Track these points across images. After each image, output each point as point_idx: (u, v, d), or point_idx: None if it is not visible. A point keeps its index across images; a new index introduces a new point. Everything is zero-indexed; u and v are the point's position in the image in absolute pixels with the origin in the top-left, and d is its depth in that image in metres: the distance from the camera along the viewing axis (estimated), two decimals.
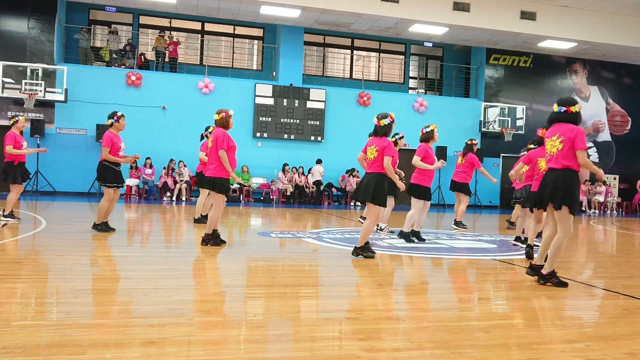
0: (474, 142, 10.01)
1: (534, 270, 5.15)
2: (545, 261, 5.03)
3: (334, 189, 18.04)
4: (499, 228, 11.52)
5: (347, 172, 18.05)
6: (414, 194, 7.94)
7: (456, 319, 3.75)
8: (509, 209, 19.21)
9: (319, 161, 17.72)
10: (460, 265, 6.23)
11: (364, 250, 6.16)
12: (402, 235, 7.80)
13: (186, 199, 16.17)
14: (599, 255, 7.63)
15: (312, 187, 17.50)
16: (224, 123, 6.67)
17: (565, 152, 4.75)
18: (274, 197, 17.24)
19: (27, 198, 14.15)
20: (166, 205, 14.05)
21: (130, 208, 12.74)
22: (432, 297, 4.57)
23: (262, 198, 17.32)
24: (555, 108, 4.95)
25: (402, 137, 8.71)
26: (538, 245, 5.45)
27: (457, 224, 10.19)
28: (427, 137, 7.89)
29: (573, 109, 4.85)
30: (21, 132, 8.66)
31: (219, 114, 6.69)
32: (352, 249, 6.30)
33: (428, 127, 7.94)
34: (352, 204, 17.74)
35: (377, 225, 8.99)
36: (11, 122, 8.57)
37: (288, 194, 17.21)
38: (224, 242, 6.76)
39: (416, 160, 7.75)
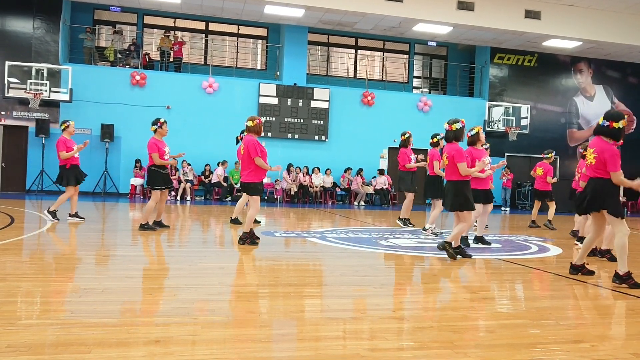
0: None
1: (576, 269, 5.46)
2: (581, 261, 5.42)
3: (338, 189, 18.05)
4: (502, 227, 11.49)
5: (345, 171, 18.03)
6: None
7: (461, 318, 3.75)
8: (514, 208, 19.19)
9: (381, 171, 17.91)
10: (465, 265, 6.22)
11: (460, 251, 6.42)
12: (479, 239, 7.76)
13: (190, 198, 16.20)
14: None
15: (316, 187, 17.50)
16: (257, 130, 6.87)
17: (598, 166, 5.03)
18: (278, 196, 17.26)
19: (32, 197, 14.22)
20: (170, 205, 14.08)
21: (134, 208, 12.77)
22: (437, 296, 4.56)
23: (266, 197, 17.32)
24: (600, 121, 5.11)
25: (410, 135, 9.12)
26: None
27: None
28: (473, 140, 7.19)
29: (616, 125, 4.99)
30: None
31: (253, 120, 6.89)
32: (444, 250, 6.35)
33: (472, 129, 7.21)
34: (355, 203, 17.73)
35: (427, 227, 8.98)
36: (62, 127, 8.87)
37: (292, 193, 17.22)
38: (258, 238, 7.00)
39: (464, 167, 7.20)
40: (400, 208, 9.70)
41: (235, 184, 16.32)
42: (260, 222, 9.68)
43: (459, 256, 6.35)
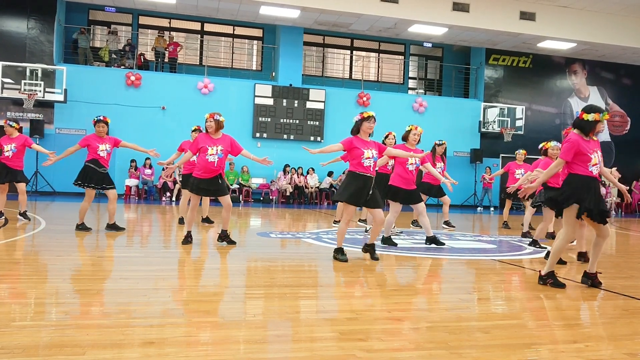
0: (440, 143, 9.79)
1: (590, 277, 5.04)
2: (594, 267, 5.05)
3: (333, 190, 18.04)
4: (498, 228, 11.52)
5: (343, 173, 18.02)
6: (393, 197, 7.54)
7: (456, 319, 3.75)
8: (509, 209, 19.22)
9: None
10: (460, 266, 6.23)
11: (337, 252, 6.06)
12: (386, 241, 7.40)
13: None
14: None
15: (312, 188, 17.49)
16: (205, 127, 6.79)
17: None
18: (274, 197, 17.24)
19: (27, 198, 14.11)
20: (165, 206, 14.04)
21: (129, 208, 12.73)
22: (432, 297, 4.57)
23: (261, 198, 17.32)
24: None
25: (387, 136, 8.63)
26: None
27: (447, 223, 10.47)
28: (403, 137, 7.69)
29: (585, 116, 4.66)
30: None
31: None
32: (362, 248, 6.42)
33: (408, 127, 7.69)
34: None
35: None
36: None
37: (288, 194, 17.21)
38: (190, 242, 6.75)
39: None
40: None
41: (231, 185, 16.30)
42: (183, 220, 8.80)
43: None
